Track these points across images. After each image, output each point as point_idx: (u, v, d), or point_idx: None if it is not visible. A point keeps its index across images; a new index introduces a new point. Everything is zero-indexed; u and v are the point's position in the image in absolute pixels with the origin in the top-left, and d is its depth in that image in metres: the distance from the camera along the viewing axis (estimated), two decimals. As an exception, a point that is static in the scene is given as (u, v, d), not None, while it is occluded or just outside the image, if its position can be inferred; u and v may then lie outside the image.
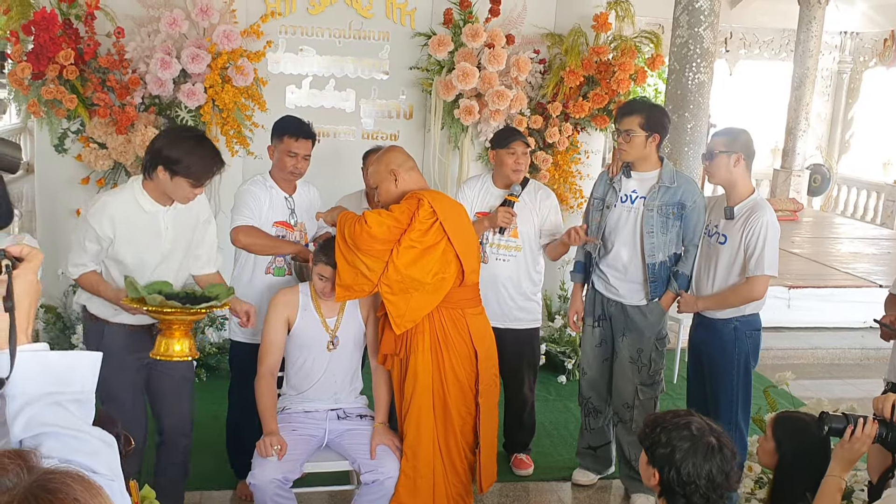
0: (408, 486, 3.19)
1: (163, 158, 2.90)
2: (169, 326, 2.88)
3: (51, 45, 4.70)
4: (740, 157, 3.53)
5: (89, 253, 3.00)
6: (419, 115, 5.79)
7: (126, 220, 2.98)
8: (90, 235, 2.96)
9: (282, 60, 5.55)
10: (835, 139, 14.35)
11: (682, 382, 5.58)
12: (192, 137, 2.99)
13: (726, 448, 2.15)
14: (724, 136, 3.59)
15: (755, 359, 3.63)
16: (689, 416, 2.23)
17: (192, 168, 2.90)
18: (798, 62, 11.48)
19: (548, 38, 5.62)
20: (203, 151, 2.94)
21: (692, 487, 2.09)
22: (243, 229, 3.51)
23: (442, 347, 3.28)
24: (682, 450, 2.11)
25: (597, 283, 3.95)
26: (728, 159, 3.53)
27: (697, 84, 5.82)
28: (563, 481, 4.23)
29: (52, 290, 5.25)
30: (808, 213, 12.16)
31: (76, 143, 5.13)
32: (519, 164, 3.98)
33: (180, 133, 3.01)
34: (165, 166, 2.90)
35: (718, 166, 3.55)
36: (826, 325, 7.06)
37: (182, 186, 2.94)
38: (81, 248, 3.00)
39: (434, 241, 3.18)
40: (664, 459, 2.13)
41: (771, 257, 3.48)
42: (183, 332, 2.90)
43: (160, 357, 2.90)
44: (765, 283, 3.50)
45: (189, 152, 2.90)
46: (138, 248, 3.03)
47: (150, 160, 2.95)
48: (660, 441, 2.15)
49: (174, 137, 2.98)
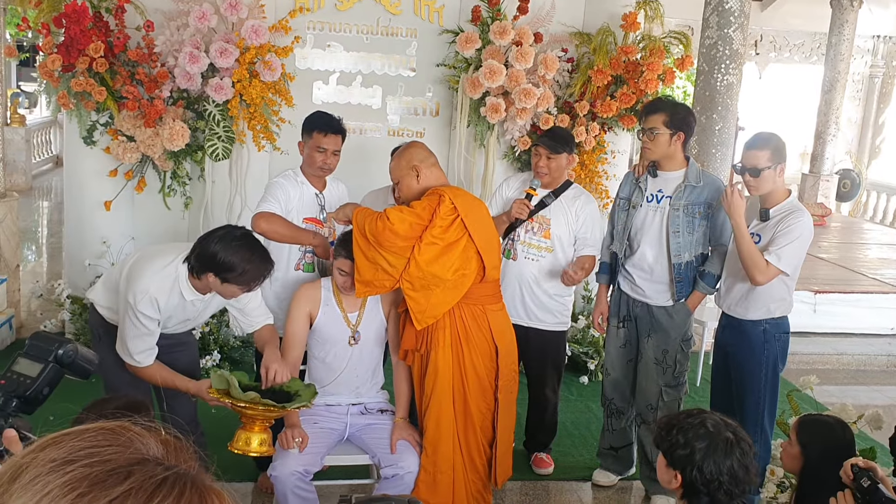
0: (427, 482, 3.19)
1: (215, 266, 2.86)
2: (251, 420, 2.88)
3: (81, 37, 4.75)
4: (783, 168, 3.48)
5: (146, 338, 2.97)
6: (445, 112, 5.79)
7: (166, 304, 2.99)
8: (142, 320, 2.94)
9: (309, 56, 5.57)
10: (865, 144, 14.17)
11: (704, 385, 5.54)
12: (244, 245, 2.90)
13: (743, 441, 2.15)
14: (766, 148, 3.46)
15: (783, 362, 3.59)
16: (701, 413, 2.22)
17: (245, 276, 2.88)
18: (829, 66, 11.33)
19: (576, 37, 5.59)
20: (255, 258, 2.89)
21: (716, 485, 2.07)
22: (264, 215, 3.47)
23: (462, 343, 3.27)
24: (702, 449, 2.10)
25: (622, 284, 3.92)
26: (774, 172, 3.47)
27: (726, 85, 5.76)
28: (584, 481, 4.21)
29: (79, 281, 5.31)
30: (836, 219, 12.00)
31: (104, 136, 5.18)
32: (540, 166, 3.96)
33: (232, 240, 2.89)
34: (217, 274, 2.88)
35: (765, 181, 3.45)
36: (853, 331, 6.97)
37: (232, 290, 2.94)
38: (136, 336, 2.95)
39: (455, 238, 3.18)
40: (685, 460, 2.11)
41: (791, 256, 3.41)
42: (262, 428, 2.91)
43: (238, 450, 2.90)
44: (771, 275, 3.41)
45: (243, 261, 2.85)
46: (167, 323, 3.07)
47: (199, 265, 2.90)
48: (678, 443, 2.14)
49: (226, 244, 2.87)
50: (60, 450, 0.75)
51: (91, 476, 0.72)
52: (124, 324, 2.98)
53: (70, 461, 0.74)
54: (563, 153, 3.97)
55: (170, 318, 3.06)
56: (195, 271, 2.93)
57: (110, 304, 3.18)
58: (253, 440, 2.88)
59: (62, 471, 0.73)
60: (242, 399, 2.80)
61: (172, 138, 4.90)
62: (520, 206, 3.89)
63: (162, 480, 0.74)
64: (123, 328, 2.99)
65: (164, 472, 0.75)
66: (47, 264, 8.26)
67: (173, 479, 0.75)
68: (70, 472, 0.73)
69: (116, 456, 0.75)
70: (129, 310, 2.94)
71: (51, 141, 14.45)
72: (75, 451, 0.75)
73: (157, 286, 2.95)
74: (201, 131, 5.13)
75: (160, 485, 0.74)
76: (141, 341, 2.98)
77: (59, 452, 0.75)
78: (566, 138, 4.09)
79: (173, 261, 2.99)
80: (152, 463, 0.76)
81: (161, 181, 5.32)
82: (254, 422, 2.87)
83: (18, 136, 12.34)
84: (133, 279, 2.96)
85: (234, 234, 2.92)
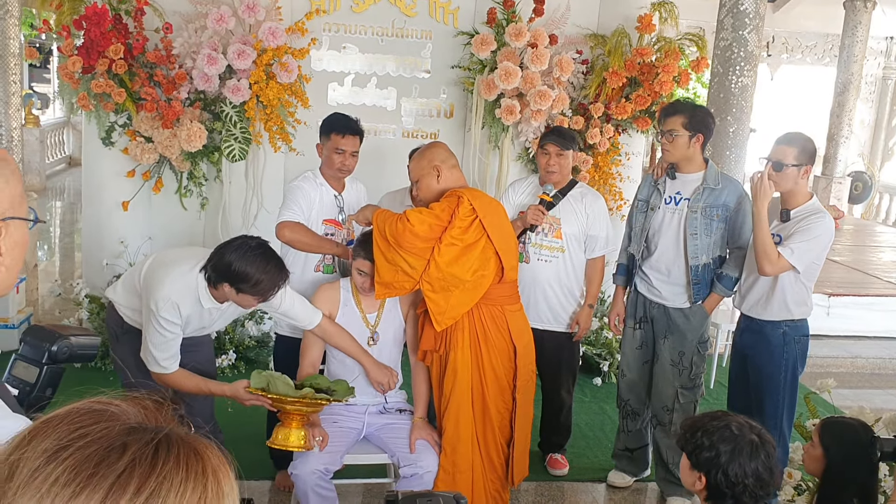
0: (446, 482, 3.20)
1: (230, 276, 2.88)
2: (289, 416, 2.94)
3: (101, 39, 4.79)
4: (809, 170, 3.48)
5: (170, 344, 3.00)
6: (460, 114, 5.81)
7: (188, 311, 3.03)
8: (165, 325, 2.96)
9: (324, 58, 5.60)
10: (878, 146, 14.12)
11: (718, 387, 5.54)
12: (260, 256, 2.91)
13: (768, 444, 2.15)
14: (795, 146, 3.46)
15: (802, 365, 3.59)
16: (726, 416, 2.23)
17: (259, 287, 2.90)
18: (842, 67, 11.29)
19: (591, 39, 5.60)
20: (270, 269, 2.90)
21: (741, 488, 2.08)
22: (289, 225, 3.51)
23: (481, 344, 3.29)
24: (727, 451, 2.10)
25: (639, 286, 3.93)
26: (798, 172, 3.47)
27: (741, 88, 5.76)
28: (599, 482, 4.22)
29: (97, 280, 5.35)
30: (848, 221, 11.97)
31: (123, 137, 5.22)
32: (550, 164, 3.95)
33: (247, 250, 2.90)
34: (232, 284, 2.90)
35: (787, 178, 3.46)
36: (867, 334, 6.95)
37: (247, 300, 2.97)
38: (160, 342, 2.97)
39: (474, 239, 3.20)
40: (710, 463, 2.12)
41: (805, 252, 3.40)
42: (300, 423, 2.97)
43: (277, 446, 2.97)
44: (782, 267, 3.41)
45: (258, 271, 2.87)
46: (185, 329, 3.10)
47: (215, 275, 2.92)
48: (703, 445, 2.14)
49: (241, 254, 2.89)
50: (49, 439, 0.74)
51: (91, 456, 0.72)
52: (148, 332, 3.00)
53: (64, 447, 0.73)
54: (571, 150, 4.00)
55: (187, 324, 3.08)
56: (212, 280, 2.95)
57: (130, 304, 3.20)
58: (291, 435, 2.96)
59: (59, 458, 0.72)
60: (291, 395, 2.87)
61: (190, 139, 4.93)
62: (535, 213, 3.88)
63: (160, 443, 0.75)
64: (148, 336, 3.01)
65: (155, 435, 0.75)
66: (60, 263, 8.32)
67: (165, 440, 0.75)
68: (68, 457, 0.72)
69: (107, 431, 0.75)
70: (152, 317, 2.96)
71: (64, 142, 14.54)
72: (66, 437, 0.74)
73: (177, 293, 2.97)
74: (218, 132, 5.16)
75: (159, 448, 0.74)
76: (166, 348, 3.00)
77: (48, 442, 0.73)
78: (571, 135, 4.13)
79: (192, 268, 3.00)
80: (140, 430, 0.76)
81: (178, 182, 5.36)
82: (292, 418, 2.95)
83: (33, 136, 12.42)
84: (154, 287, 2.98)
85: (250, 245, 2.93)
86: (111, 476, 0.71)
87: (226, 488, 0.78)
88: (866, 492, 2.46)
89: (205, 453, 0.78)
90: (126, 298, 3.22)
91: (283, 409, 2.93)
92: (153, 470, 0.72)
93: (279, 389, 2.89)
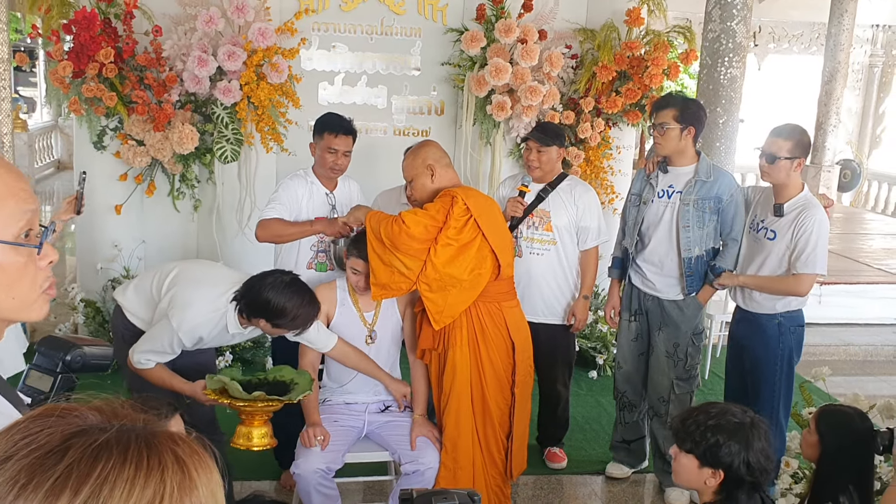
0: (448, 478, 3.22)
1: (267, 313, 2.92)
2: (250, 416, 2.93)
3: (91, 43, 4.78)
4: (802, 162, 3.51)
5: (165, 356, 3.02)
6: (450, 111, 5.82)
7: (209, 336, 3.06)
8: (175, 345, 2.99)
9: (314, 57, 5.60)
10: (865, 134, 14.19)
11: (713, 378, 5.58)
12: (295, 292, 2.94)
13: (756, 418, 2.25)
14: (788, 139, 3.50)
15: (798, 354, 3.63)
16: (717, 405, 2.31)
17: (296, 322, 2.96)
18: (829, 56, 11.32)
19: (580, 34, 5.62)
20: (305, 304, 2.94)
21: (758, 469, 2.14)
22: (262, 224, 3.54)
23: (479, 341, 3.31)
24: (742, 442, 2.16)
25: (633, 278, 3.96)
26: (790, 164, 3.50)
27: (730, 79, 5.78)
28: (597, 474, 4.25)
29: (91, 284, 5.35)
30: (837, 209, 12.02)
31: (114, 141, 5.22)
32: (531, 160, 4.00)
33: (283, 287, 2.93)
34: (269, 319, 2.94)
35: (779, 170, 3.50)
36: (858, 322, 7.01)
37: (282, 331, 3.02)
38: (159, 352, 3.00)
39: (470, 238, 3.21)
40: (730, 457, 2.16)
41: (822, 256, 3.48)
42: (262, 421, 2.95)
43: (240, 447, 2.94)
44: (811, 281, 3.50)
45: (294, 307, 2.91)
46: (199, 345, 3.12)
47: (251, 311, 2.95)
48: (717, 443, 2.18)
49: (278, 291, 2.92)
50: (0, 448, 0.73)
51: (29, 464, 0.70)
52: (153, 337, 3.01)
53: (8, 457, 0.71)
54: (554, 146, 4.01)
55: (207, 342, 3.11)
56: (246, 315, 2.98)
57: (141, 313, 3.18)
58: (253, 434, 2.93)
59: (1, 469, 0.70)
60: (243, 398, 2.84)
61: (182, 141, 4.93)
62: (514, 205, 3.94)
63: (103, 443, 0.72)
64: (151, 341, 3.01)
65: (103, 434, 0.74)
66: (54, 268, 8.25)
67: (116, 437, 0.73)
68: (10, 468, 0.70)
69: (51, 438, 0.73)
70: (166, 329, 2.97)
71: (52, 146, 14.46)
72: (11, 447, 0.72)
73: (206, 319, 2.99)
74: (210, 134, 5.16)
75: (101, 448, 0.72)
76: (158, 356, 3.02)
77: None
78: (556, 132, 4.13)
79: (222, 295, 3.01)
80: (91, 430, 0.74)
81: (170, 184, 5.35)
82: (253, 417, 2.93)
83: (21, 141, 12.35)
84: (183, 306, 2.99)
85: (285, 281, 2.96)
86: (46, 483, 0.69)
87: (198, 479, 0.74)
88: (862, 478, 2.50)
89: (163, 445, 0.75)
90: (138, 307, 3.20)
91: (243, 409, 2.90)
92: (91, 471, 0.70)
93: (232, 393, 2.85)
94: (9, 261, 1.09)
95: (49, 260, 1.16)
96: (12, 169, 1.11)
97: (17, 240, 1.08)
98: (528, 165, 4.04)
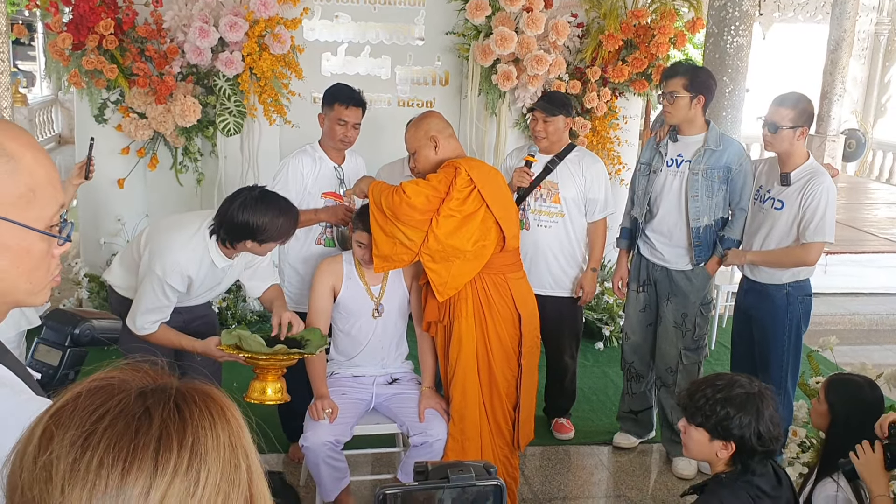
0: (456, 450, 3.22)
1: (250, 233, 2.90)
2: (264, 371, 2.93)
3: (90, 14, 4.72)
4: (805, 131, 3.48)
5: (164, 310, 3.00)
6: (455, 81, 5.76)
7: (197, 275, 3.02)
8: (168, 292, 2.96)
9: (317, 27, 5.54)
10: (870, 103, 14.08)
11: (720, 348, 5.58)
12: (269, 204, 2.93)
13: (761, 385, 2.24)
14: (791, 108, 3.47)
15: (806, 324, 3.62)
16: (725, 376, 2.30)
17: (281, 231, 2.95)
18: (834, 24, 11.21)
19: (586, 2, 5.54)
20: (283, 211, 2.94)
21: (769, 438, 2.14)
22: None
23: (485, 312, 3.29)
24: (752, 413, 2.16)
25: (642, 248, 3.94)
26: (793, 133, 3.47)
27: (736, 47, 5.71)
28: (604, 445, 4.26)
29: (95, 259, 5.34)
30: (842, 179, 11.98)
31: (116, 114, 5.17)
32: (538, 131, 3.96)
33: (255, 203, 2.91)
34: (254, 239, 2.92)
35: (782, 140, 3.48)
36: (864, 291, 7.00)
37: (270, 246, 3.01)
38: (155, 307, 2.98)
39: (473, 209, 3.18)
40: (741, 429, 2.16)
41: (831, 223, 3.47)
42: (276, 377, 2.96)
43: (254, 400, 2.94)
44: (820, 249, 3.49)
45: (274, 217, 2.90)
46: (197, 291, 3.10)
47: (232, 236, 2.93)
48: (727, 416, 2.17)
49: (252, 209, 2.90)
50: (71, 430, 0.72)
51: (123, 431, 0.71)
52: (144, 293, 2.97)
53: (91, 432, 0.71)
54: (560, 115, 3.96)
55: (200, 285, 3.07)
56: (229, 243, 2.96)
57: (129, 283, 3.16)
58: (268, 389, 2.94)
59: (92, 444, 0.70)
60: (263, 352, 2.85)
61: (184, 114, 4.89)
62: (520, 175, 3.90)
63: (176, 399, 0.76)
64: (143, 300, 2.98)
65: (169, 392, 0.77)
66: (58, 243, 8.27)
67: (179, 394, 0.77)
68: (101, 440, 0.71)
69: (124, 403, 0.74)
70: (153, 280, 2.94)
71: (53, 120, 14.38)
72: (87, 422, 0.72)
73: (187, 258, 2.96)
74: (212, 106, 5.11)
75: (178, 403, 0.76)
76: (158, 311, 3.00)
77: (72, 432, 0.71)
78: (563, 101, 4.08)
79: (197, 231, 3.00)
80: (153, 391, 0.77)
81: (173, 158, 5.32)
82: (267, 372, 2.93)
83: (21, 115, 12.29)
84: (161, 252, 2.96)
85: (254, 196, 2.94)
86: (152, 442, 0.72)
87: (241, 421, 0.81)
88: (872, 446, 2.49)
89: (215, 393, 0.81)
90: (124, 278, 3.18)
91: (257, 364, 2.91)
92: (185, 423, 0.74)
93: (251, 347, 2.86)
94: (37, 248, 1.13)
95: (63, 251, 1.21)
96: (52, 161, 1.15)
97: (49, 229, 1.13)
98: (535, 136, 3.99)
